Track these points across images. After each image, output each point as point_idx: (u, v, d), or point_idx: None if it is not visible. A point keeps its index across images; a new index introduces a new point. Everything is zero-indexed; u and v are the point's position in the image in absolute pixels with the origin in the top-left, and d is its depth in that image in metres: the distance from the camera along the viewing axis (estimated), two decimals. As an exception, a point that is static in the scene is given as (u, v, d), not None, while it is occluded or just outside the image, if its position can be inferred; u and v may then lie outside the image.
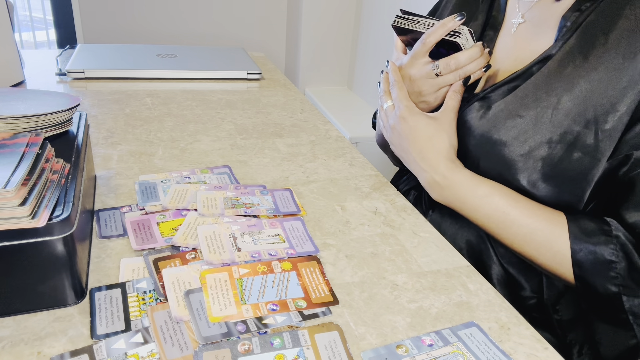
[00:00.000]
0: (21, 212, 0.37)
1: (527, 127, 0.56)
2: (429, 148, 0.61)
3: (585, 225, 0.52)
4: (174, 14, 2.24)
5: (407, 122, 0.63)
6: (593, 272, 0.51)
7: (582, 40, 0.55)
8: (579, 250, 0.52)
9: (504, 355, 0.41)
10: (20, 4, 2.62)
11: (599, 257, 0.51)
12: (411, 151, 0.63)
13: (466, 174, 0.60)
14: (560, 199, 0.55)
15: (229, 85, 1.12)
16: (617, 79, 0.52)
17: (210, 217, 0.56)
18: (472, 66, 0.60)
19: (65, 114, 0.54)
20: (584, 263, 0.52)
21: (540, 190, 0.56)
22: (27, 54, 1.23)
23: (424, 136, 0.62)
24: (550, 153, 0.55)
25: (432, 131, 0.61)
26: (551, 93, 0.55)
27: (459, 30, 0.60)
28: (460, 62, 0.60)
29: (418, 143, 0.62)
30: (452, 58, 0.60)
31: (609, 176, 0.53)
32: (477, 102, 0.62)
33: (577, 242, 0.52)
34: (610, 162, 0.52)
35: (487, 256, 0.64)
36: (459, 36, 0.60)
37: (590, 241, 0.51)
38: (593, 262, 0.51)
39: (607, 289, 0.51)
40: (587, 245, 0.51)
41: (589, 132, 0.53)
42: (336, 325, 0.43)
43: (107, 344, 0.39)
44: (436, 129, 0.61)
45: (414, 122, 0.62)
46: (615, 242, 0.50)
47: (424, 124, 0.62)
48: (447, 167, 0.60)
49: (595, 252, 0.51)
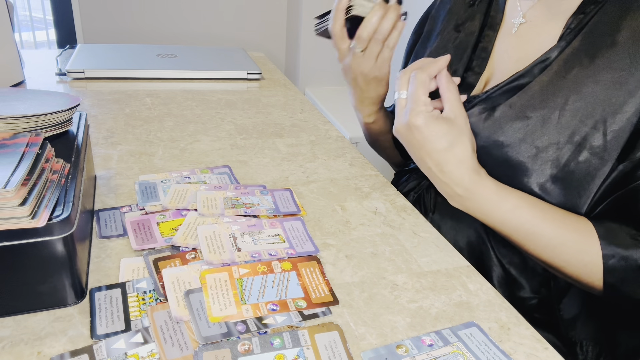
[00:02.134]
0: (21, 212, 0.37)
1: (535, 129, 0.55)
2: (448, 160, 0.54)
3: (613, 230, 0.52)
4: (174, 14, 2.24)
5: (421, 132, 0.54)
6: (626, 278, 0.51)
7: (588, 42, 0.54)
8: (610, 257, 0.51)
9: (504, 355, 0.41)
10: (20, 4, 2.62)
11: (631, 263, 0.50)
12: (427, 161, 0.56)
13: (491, 187, 0.55)
14: (568, 201, 0.55)
15: (229, 85, 1.12)
16: (624, 79, 0.51)
17: (210, 217, 0.56)
18: (385, 25, 0.59)
19: (65, 114, 0.54)
20: (616, 269, 0.51)
21: (548, 193, 0.55)
22: (27, 54, 1.23)
23: (442, 146, 0.54)
24: (558, 155, 0.54)
25: (451, 139, 0.54)
26: (558, 94, 0.55)
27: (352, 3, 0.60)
28: (369, 29, 0.59)
29: (435, 155, 0.55)
30: (359, 29, 0.60)
31: (623, 178, 0.52)
32: (478, 104, 0.61)
33: (608, 247, 0.51)
34: (625, 164, 0.52)
35: (487, 257, 0.64)
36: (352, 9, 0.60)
37: (621, 245, 0.51)
38: (625, 269, 0.50)
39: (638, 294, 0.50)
40: (617, 250, 0.51)
41: (597, 133, 0.52)
42: (336, 325, 0.43)
43: (107, 344, 0.39)
44: (456, 135, 0.54)
45: (429, 132, 0.54)
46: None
47: (443, 133, 0.54)
48: (471, 180, 0.55)
49: (627, 257, 0.50)
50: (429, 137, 0.54)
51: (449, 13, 0.73)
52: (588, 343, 0.60)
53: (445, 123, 0.55)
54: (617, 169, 0.52)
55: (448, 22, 0.72)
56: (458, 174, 0.55)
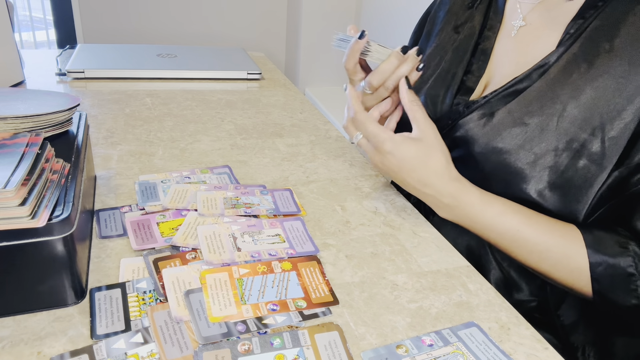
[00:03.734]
0: (21, 212, 0.37)
1: (533, 135, 0.55)
2: (427, 174, 0.57)
3: (601, 238, 0.51)
4: (174, 14, 2.24)
5: (394, 156, 0.57)
6: (613, 286, 0.50)
7: (587, 47, 0.54)
8: (597, 265, 0.51)
9: (504, 355, 0.41)
10: (20, 4, 2.62)
11: (619, 271, 0.50)
12: (409, 181, 0.58)
13: (475, 193, 0.57)
14: (566, 208, 0.55)
15: (229, 85, 1.12)
16: (623, 85, 0.51)
17: (210, 217, 0.56)
18: (397, 75, 0.59)
19: (65, 114, 0.54)
20: (603, 278, 0.51)
21: (546, 199, 0.55)
22: (27, 54, 1.23)
23: (417, 164, 0.57)
24: (556, 161, 0.54)
25: (423, 155, 0.57)
26: (556, 100, 0.55)
27: (368, 47, 0.60)
28: (379, 78, 0.59)
29: (415, 172, 0.57)
30: (371, 75, 0.60)
31: (619, 184, 0.52)
32: (477, 110, 0.61)
33: (594, 255, 0.51)
34: (621, 170, 0.52)
35: (486, 260, 0.64)
36: (368, 53, 0.60)
37: (608, 253, 0.50)
38: (613, 276, 0.50)
39: (627, 302, 0.50)
40: (605, 258, 0.50)
41: (595, 140, 0.52)
42: (336, 325, 0.43)
43: (107, 344, 0.39)
44: (426, 150, 0.57)
45: (401, 153, 0.57)
46: (632, 255, 0.49)
47: (414, 152, 0.57)
48: (455, 188, 0.57)
49: (614, 265, 0.50)
50: (402, 159, 0.57)
51: (447, 13, 0.73)
52: (590, 348, 0.60)
53: (413, 142, 0.57)
54: (613, 175, 0.52)
55: (447, 22, 0.72)
56: (440, 185, 0.57)
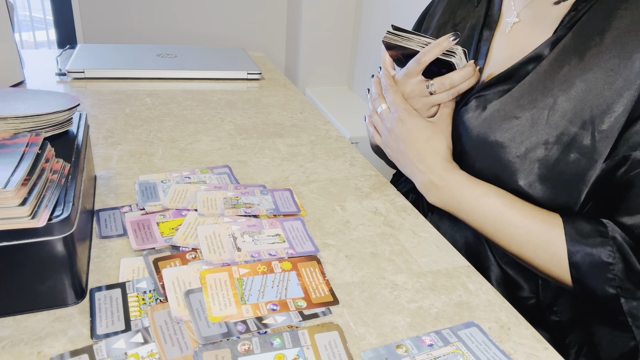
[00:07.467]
0: (21, 212, 0.37)
1: (524, 129, 0.56)
2: (427, 149, 0.62)
3: (582, 227, 0.52)
4: (174, 14, 2.24)
5: (405, 124, 0.63)
6: (590, 275, 0.51)
7: (577, 41, 0.55)
8: (575, 253, 0.52)
9: (504, 355, 0.41)
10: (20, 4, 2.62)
11: (596, 259, 0.50)
12: (408, 153, 0.63)
13: (462, 175, 0.60)
14: (556, 201, 0.55)
15: (229, 85, 1.12)
16: (613, 79, 0.51)
17: (210, 217, 0.56)
18: (464, 85, 0.62)
19: (65, 114, 0.54)
20: (581, 265, 0.51)
21: (537, 192, 0.56)
22: (27, 54, 1.23)
23: (422, 138, 0.62)
24: (546, 154, 0.55)
25: (430, 133, 0.62)
26: (547, 94, 0.55)
27: (454, 49, 0.61)
28: (455, 82, 0.61)
29: (416, 144, 0.62)
30: (447, 78, 0.61)
31: (606, 177, 0.53)
32: (473, 100, 0.62)
33: (573, 244, 0.52)
34: (607, 162, 0.52)
35: (485, 258, 0.64)
36: (453, 56, 0.61)
37: (587, 243, 0.51)
38: (590, 265, 0.51)
39: (605, 291, 0.50)
40: (583, 247, 0.51)
41: (586, 133, 0.53)
42: (336, 325, 0.43)
43: (107, 344, 0.39)
44: (434, 130, 0.62)
45: (412, 124, 0.63)
46: (612, 244, 0.50)
47: (423, 126, 0.62)
48: (444, 168, 0.61)
49: (592, 254, 0.51)
50: (411, 129, 0.63)
51: (445, 11, 0.73)
52: (584, 346, 0.60)
53: (426, 120, 0.63)
54: (601, 168, 0.53)
55: (446, 21, 0.72)
56: (433, 162, 0.61)
